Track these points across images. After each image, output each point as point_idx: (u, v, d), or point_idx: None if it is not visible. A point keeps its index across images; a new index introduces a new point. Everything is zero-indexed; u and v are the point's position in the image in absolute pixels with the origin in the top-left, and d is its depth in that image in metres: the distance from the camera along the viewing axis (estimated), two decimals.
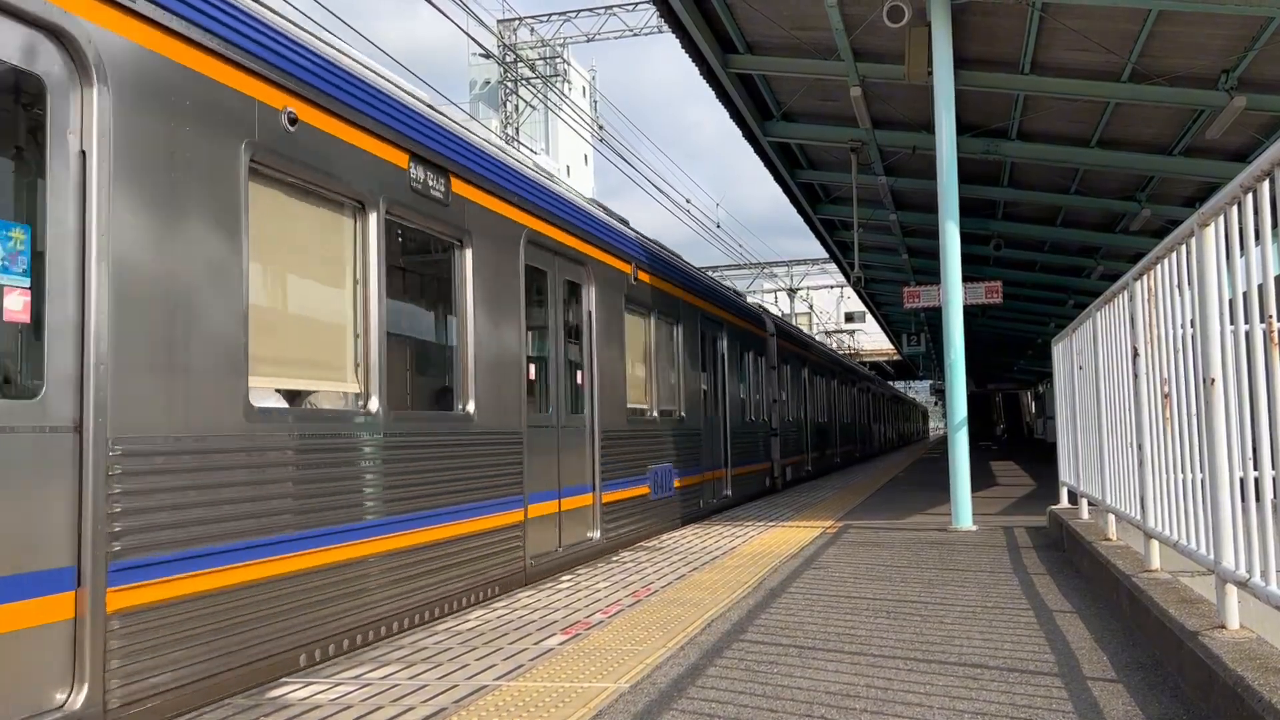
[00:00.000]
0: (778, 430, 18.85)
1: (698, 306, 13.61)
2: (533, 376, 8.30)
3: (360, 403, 5.88)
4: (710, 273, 33.63)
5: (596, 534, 9.42)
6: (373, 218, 6.03)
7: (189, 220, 4.61)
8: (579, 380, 9.55)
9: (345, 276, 5.98)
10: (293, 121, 5.32)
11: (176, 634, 4.35)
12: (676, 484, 12.18)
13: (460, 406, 7.16)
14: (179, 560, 4.39)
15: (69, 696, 3.87)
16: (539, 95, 43.26)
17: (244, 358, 4.87)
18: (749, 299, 23.75)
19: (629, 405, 10.71)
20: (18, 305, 3.88)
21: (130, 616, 4.11)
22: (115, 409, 4.11)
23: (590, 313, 9.67)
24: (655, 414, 11.72)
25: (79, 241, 4.06)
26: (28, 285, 3.90)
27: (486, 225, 7.49)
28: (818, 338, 41.68)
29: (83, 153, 4.10)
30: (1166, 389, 4.63)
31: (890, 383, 58.20)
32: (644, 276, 11.24)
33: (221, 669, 4.60)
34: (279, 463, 5.12)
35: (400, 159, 6.37)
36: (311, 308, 5.89)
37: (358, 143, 5.93)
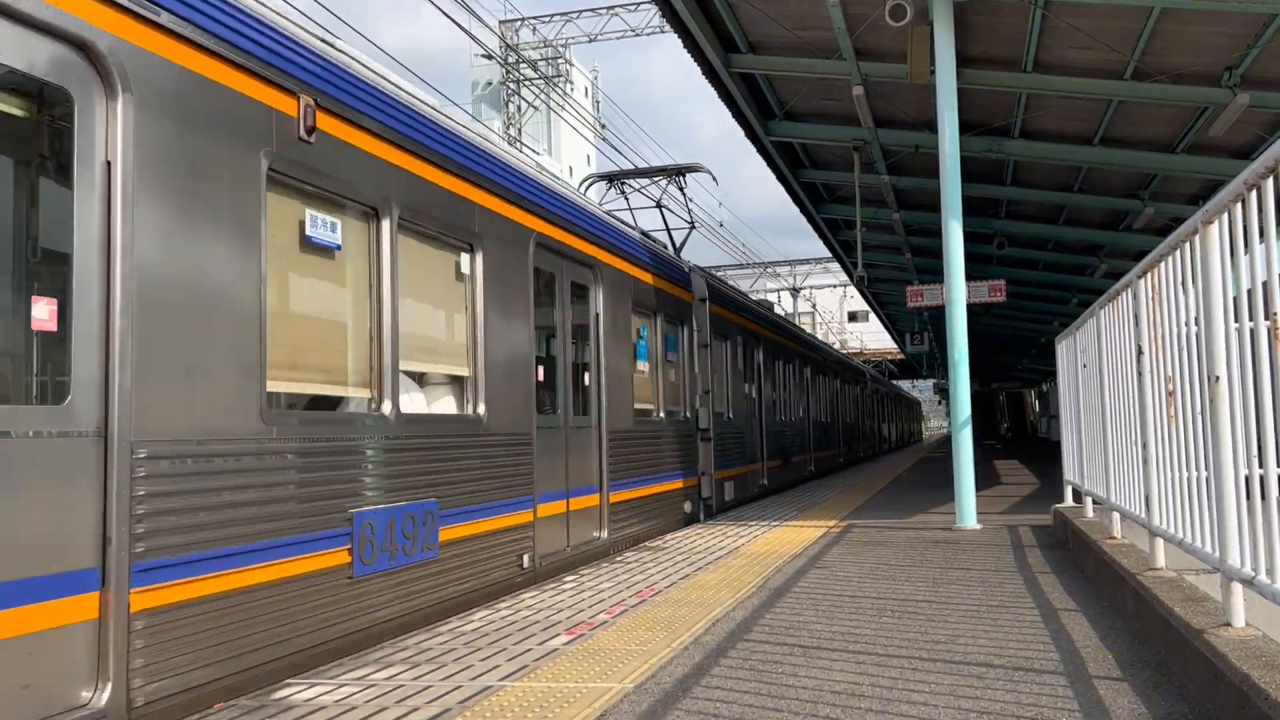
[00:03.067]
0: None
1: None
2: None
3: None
4: (715, 273, 33.38)
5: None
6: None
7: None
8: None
9: None
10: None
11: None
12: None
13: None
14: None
15: None
16: (541, 96, 43.29)
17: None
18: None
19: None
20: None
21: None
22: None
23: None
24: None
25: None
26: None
27: None
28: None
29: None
30: (1171, 387, 4.62)
31: (894, 381, 58.02)
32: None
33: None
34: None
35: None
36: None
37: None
